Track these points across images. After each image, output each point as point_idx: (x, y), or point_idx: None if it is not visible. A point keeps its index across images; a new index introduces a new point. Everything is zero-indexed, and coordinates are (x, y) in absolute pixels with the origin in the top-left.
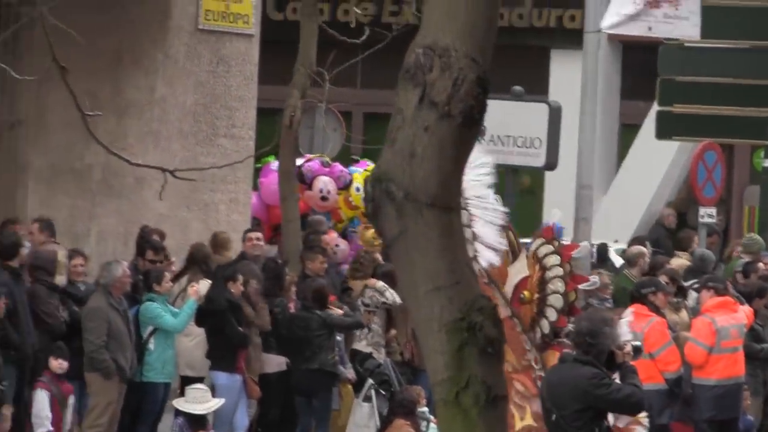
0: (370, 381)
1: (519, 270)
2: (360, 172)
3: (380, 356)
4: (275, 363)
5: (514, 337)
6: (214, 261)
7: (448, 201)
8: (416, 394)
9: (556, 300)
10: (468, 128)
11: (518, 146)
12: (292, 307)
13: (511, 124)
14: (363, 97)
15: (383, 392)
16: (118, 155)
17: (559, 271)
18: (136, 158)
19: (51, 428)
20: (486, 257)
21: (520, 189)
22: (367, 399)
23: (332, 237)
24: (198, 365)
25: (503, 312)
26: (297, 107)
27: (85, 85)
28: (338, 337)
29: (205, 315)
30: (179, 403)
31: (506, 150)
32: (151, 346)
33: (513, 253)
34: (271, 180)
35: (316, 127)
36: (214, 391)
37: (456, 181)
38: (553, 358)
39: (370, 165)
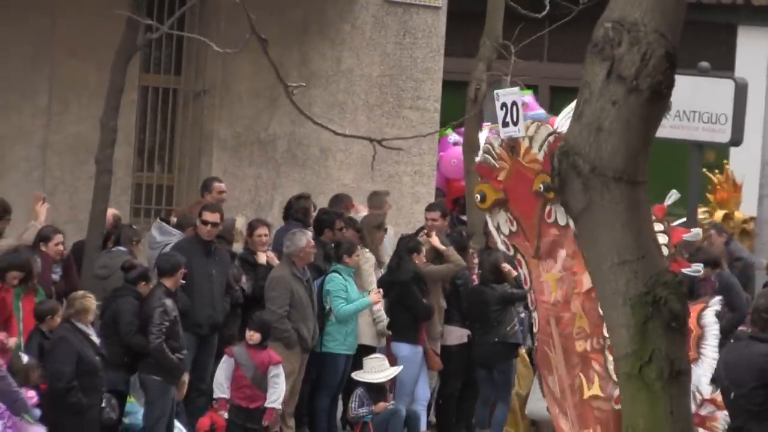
0: None
1: None
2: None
3: None
4: (457, 335)
5: (595, 310)
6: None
7: (635, 175)
8: None
9: None
10: (656, 103)
11: (704, 122)
12: (475, 280)
13: (696, 99)
14: (549, 70)
15: None
16: (324, 126)
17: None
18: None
19: (226, 395)
20: None
21: (705, 164)
22: None
23: None
24: (366, 335)
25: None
26: (482, 80)
27: (271, 54)
28: (518, 309)
29: (388, 286)
30: (358, 375)
31: (692, 126)
32: (333, 317)
33: None
34: (449, 154)
35: None
36: (395, 363)
37: (643, 156)
38: None
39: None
